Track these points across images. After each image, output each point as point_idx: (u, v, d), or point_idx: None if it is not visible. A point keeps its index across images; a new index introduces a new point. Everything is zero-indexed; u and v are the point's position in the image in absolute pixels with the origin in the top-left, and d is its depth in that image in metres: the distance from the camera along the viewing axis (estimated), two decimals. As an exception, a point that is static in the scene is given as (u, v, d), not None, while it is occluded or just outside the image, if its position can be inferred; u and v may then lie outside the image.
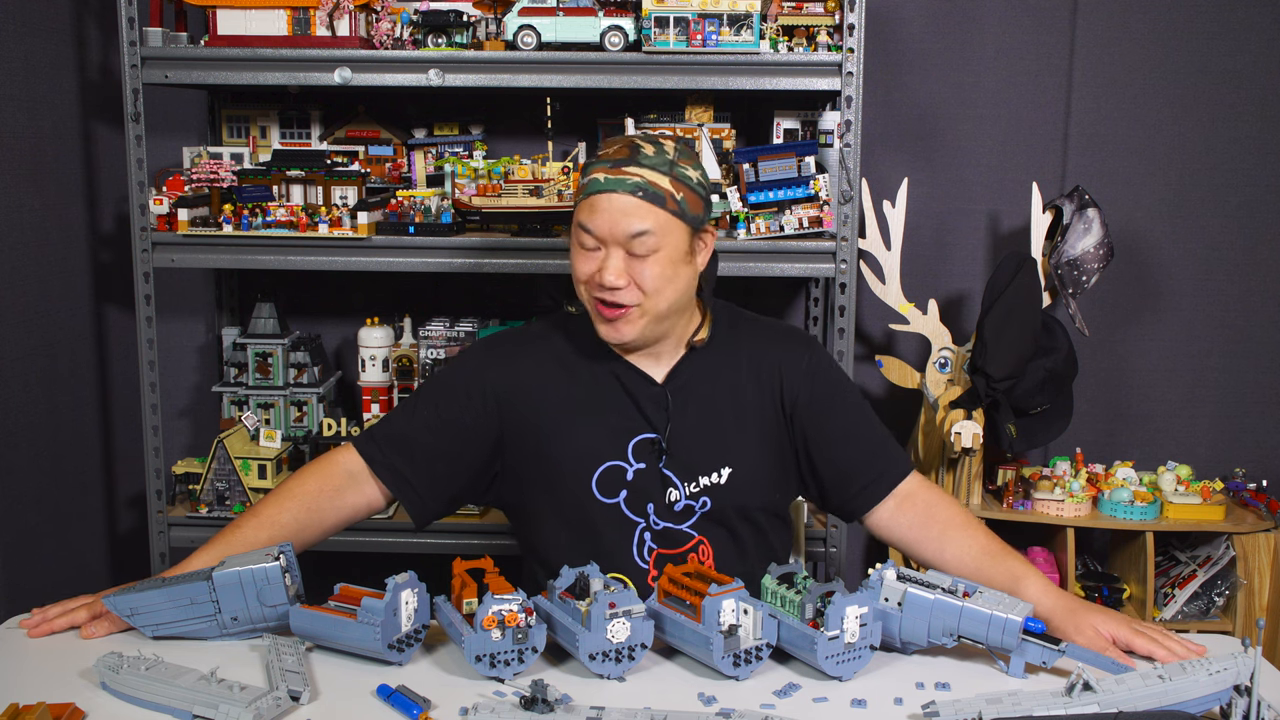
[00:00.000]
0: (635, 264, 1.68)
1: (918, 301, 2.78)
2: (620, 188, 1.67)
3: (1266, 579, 2.70)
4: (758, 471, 1.81)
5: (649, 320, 1.72)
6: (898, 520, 1.80)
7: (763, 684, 1.45)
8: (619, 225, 1.67)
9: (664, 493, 1.77)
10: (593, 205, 1.69)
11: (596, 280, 1.69)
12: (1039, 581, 1.63)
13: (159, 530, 2.62)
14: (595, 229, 1.68)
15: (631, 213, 1.67)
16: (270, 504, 1.73)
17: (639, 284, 1.68)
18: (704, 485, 1.78)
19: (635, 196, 1.67)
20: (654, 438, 1.77)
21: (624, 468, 1.77)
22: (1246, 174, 2.96)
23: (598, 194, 1.68)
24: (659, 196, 1.68)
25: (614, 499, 1.77)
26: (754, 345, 1.85)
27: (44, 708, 1.29)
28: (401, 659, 1.48)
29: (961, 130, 2.97)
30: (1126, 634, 1.53)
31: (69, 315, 2.83)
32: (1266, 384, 3.03)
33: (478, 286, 2.97)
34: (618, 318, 1.70)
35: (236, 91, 2.85)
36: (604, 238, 1.68)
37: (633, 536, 1.77)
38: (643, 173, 1.68)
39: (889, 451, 1.84)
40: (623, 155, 1.70)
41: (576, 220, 1.71)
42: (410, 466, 1.79)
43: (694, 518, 1.78)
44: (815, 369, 1.84)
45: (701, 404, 1.80)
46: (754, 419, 1.81)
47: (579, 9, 2.45)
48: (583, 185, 1.71)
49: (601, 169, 1.69)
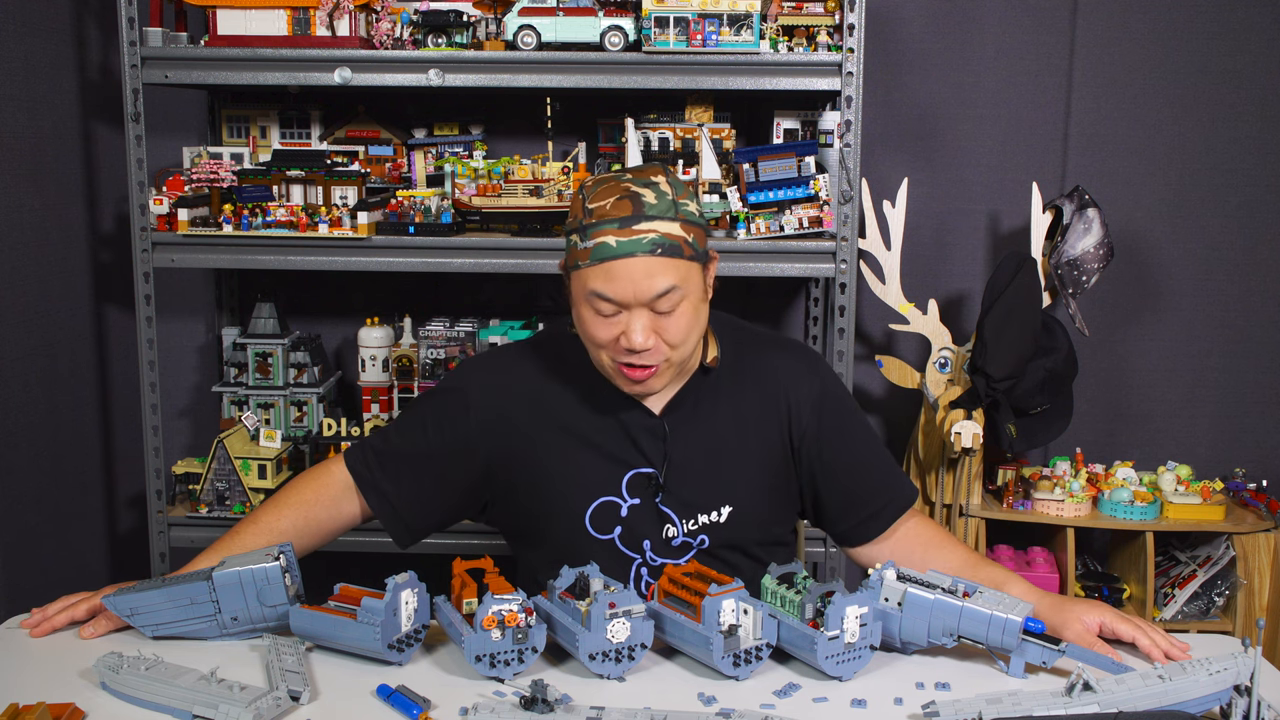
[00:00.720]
0: (660, 320, 1.59)
1: (918, 301, 2.78)
2: (637, 249, 1.55)
3: (1266, 579, 2.70)
4: (758, 508, 1.75)
5: (674, 370, 1.65)
6: (882, 549, 1.79)
7: (763, 684, 1.45)
8: (642, 288, 1.56)
9: (660, 529, 1.71)
10: (609, 272, 1.56)
11: (622, 345, 1.59)
12: (1021, 584, 1.64)
13: (159, 530, 2.62)
14: (617, 296, 1.56)
15: (655, 272, 1.56)
16: (269, 511, 1.72)
17: (665, 339, 1.60)
18: (702, 523, 1.72)
19: (654, 255, 1.56)
20: (650, 473, 1.70)
21: (618, 503, 1.71)
22: (1246, 174, 2.96)
23: (611, 260, 1.55)
24: (676, 248, 1.57)
25: (608, 535, 1.71)
26: (759, 371, 1.77)
27: (44, 708, 1.29)
28: (401, 659, 1.47)
29: (961, 130, 2.98)
30: (1111, 619, 1.55)
31: (69, 315, 2.83)
32: (1266, 384, 3.03)
33: (478, 286, 2.97)
34: (647, 377, 1.62)
35: (236, 91, 2.85)
36: (626, 302, 1.57)
37: (629, 572, 1.72)
38: (655, 226, 1.56)
39: (893, 483, 1.81)
40: (626, 212, 1.56)
41: (589, 289, 1.57)
42: (396, 489, 1.74)
43: (691, 554, 1.72)
44: (823, 398, 1.77)
45: (702, 437, 1.72)
46: (757, 452, 1.74)
47: (579, 9, 2.45)
48: (586, 249, 1.57)
49: (609, 231, 1.56)
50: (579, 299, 1.62)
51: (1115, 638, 1.55)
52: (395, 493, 1.75)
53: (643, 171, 1.64)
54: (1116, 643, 1.55)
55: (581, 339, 1.67)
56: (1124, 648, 1.54)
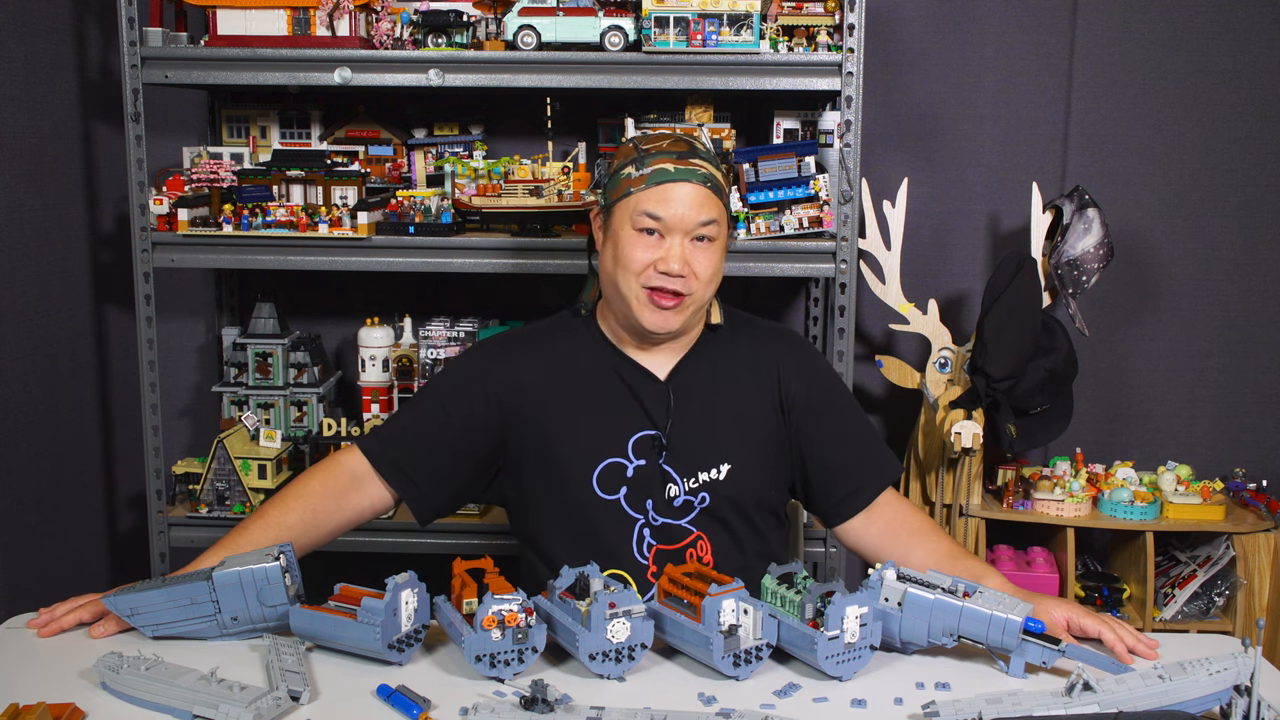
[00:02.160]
0: (695, 253, 1.73)
1: (918, 301, 2.78)
2: (693, 178, 1.72)
3: (1266, 579, 2.70)
4: (756, 468, 1.82)
5: (694, 309, 1.76)
6: (868, 529, 1.85)
7: (763, 684, 1.45)
8: (690, 214, 1.71)
9: (663, 488, 1.78)
10: (664, 194, 1.71)
11: (659, 268, 1.71)
12: (997, 578, 1.67)
13: (159, 530, 2.62)
14: (667, 217, 1.71)
15: (703, 203, 1.72)
16: (276, 506, 1.73)
17: (696, 273, 1.72)
18: (703, 481, 1.79)
19: (705, 187, 1.73)
20: (654, 434, 1.79)
21: (624, 464, 1.78)
22: (1246, 174, 2.96)
23: (668, 183, 1.71)
24: (720, 189, 1.75)
25: (614, 495, 1.78)
26: (754, 343, 1.88)
27: (44, 708, 1.29)
28: (401, 659, 1.48)
29: (961, 130, 2.97)
30: (1078, 615, 1.58)
31: (69, 315, 2.83)
32: (1266, 384, 3.03)
33: (478, 286, 2.97)
34: (674, 306, 1.73)
35: (236, 91, 2.85)
36: (673, 226, 1.71)
37: (632, 532, 1.78)
38: (706, 165, 1.74)
39: (878, 458, 1.88)
40: (683, 148, 1.75)
41: (640, 209, 1.72)
42: (413, 463, 1.80)
43: (693, 513, 1.79)
44: (813, 371, 1.88)
45: (702, 400, 1.81)
46: (753, 415, 1.83)
47: (579, 9, 2.45)
48: (642, 175, 1.72)
49: (668, 159, 1.72)
50: (621, 226, 1.74)
51: (1083, 634, 1.58)
52: (413, 467, 1.80)
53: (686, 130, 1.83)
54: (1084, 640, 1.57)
55: (610, 275, 1.77)
56: (1091, 644, 1.55)
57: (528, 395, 1.81)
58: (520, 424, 1.81)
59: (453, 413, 1.81)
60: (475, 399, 1.81)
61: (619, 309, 1.79)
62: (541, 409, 1.80)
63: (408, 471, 1.79)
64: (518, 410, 1.80)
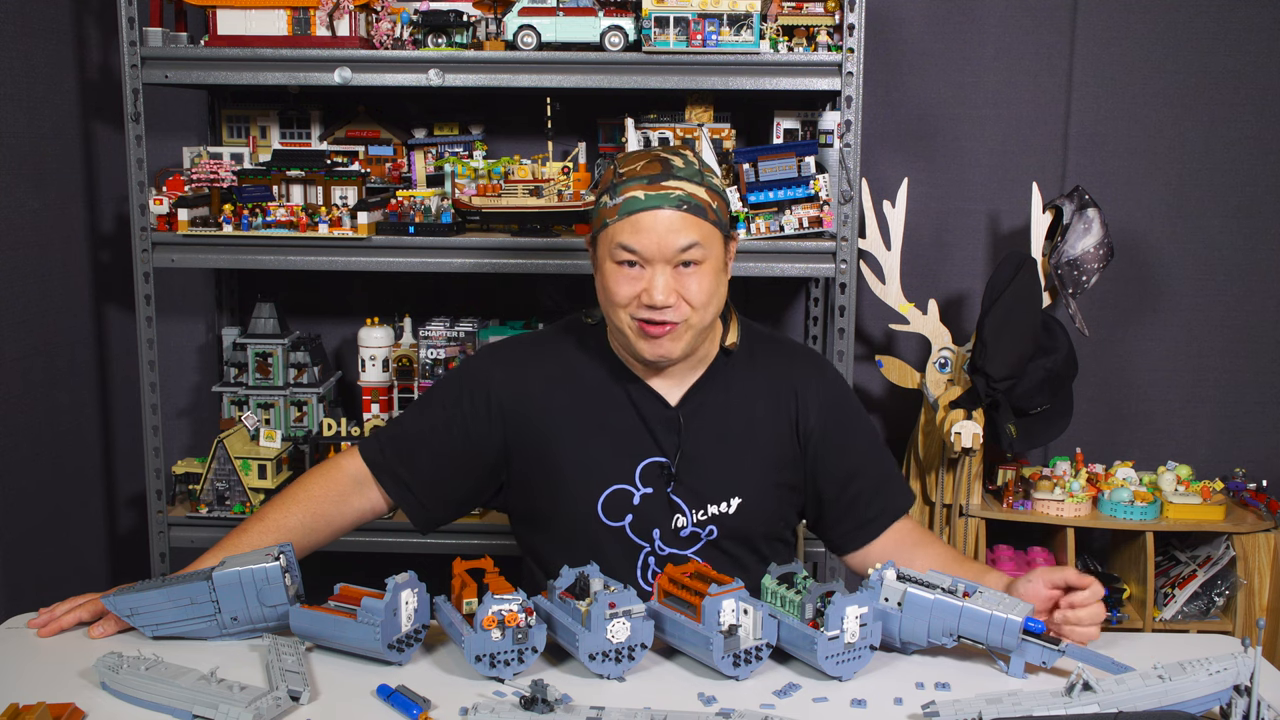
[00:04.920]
0: (682, 279, 1.64)
1: (918, 301, 2.78)
2: (664, 203, 1.62)
3: (1266, 579, 2.70)
4: (767, 501, 1.78)
5: (693, 335, 1.68)
6: (871, 554, 1.81)
7: (763, 684, 1.45)
8: (666, 241, 1.62)
9: (670, 519, 1.74)
10: (635, 224, 1.63)
11: (643, 301, 1.64)
12: (1001, 578, 1.66)
13: (159, 530, 2.62)
14: (641, 248, 1.62)
15: (679, 228, 1.62)
16: (276, 508, 1.72)
17: (686, 299, 1.64)
18: (712, 514, 1.74)
19: (680, 210, 1.62)
20: (663, 462, 1.74)
21: (631, 491, 1.74)
22: (1246, 174, 2.96)
23: (639, 212, 1.62)
24: (700, 208, 1.64)
25: (619, 523, 1.74)
26: (772, 368, 1.81)
27: (44, 708, 1.29)
28: (401, 659, 1.47)
29: (961, 130, 2.97)
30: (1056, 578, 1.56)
31: (69, 315, 2.83)
32: (1266, 384, 3.03)
33: (478, 286, 2.97)
34: (664, 334, 1.65)
35: (236, 91, 2.85)
36: (650, 256, 1.63)
37: (637, 560, 1.75)
38: (681, 185, 1.64)
39: (893, 491, 1.83)
40: (655, 170, 1.65)
41: (615, 242, 1.64)
42: (412, 473, 1.77)
43: (699, 544, 1.75)
44: (832, 400, 1.81)
45: (715, 429, 1.75)
46: (767, 445, 1.77)
47: (579, 9, 2.45)
48: (614, 205, 1.65)
49: (638, 186, 1.64)
50: (604, 260, 1.68)
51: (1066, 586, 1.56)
52: (411, 477, 1.77)
53: (671, 147, 1.73)
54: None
55: (603, 306, 1.71)
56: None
57: (533, 408, 1.76)
58: (525, 437, 1.76)
59: (455, 423, 1.77)
60: (478, 409, 1.76)
61: (620, 339, 1.73)
62: (547, 424, 1.75)
63: (407, 482, 1.77)
64: (522, 423, 1.76)
